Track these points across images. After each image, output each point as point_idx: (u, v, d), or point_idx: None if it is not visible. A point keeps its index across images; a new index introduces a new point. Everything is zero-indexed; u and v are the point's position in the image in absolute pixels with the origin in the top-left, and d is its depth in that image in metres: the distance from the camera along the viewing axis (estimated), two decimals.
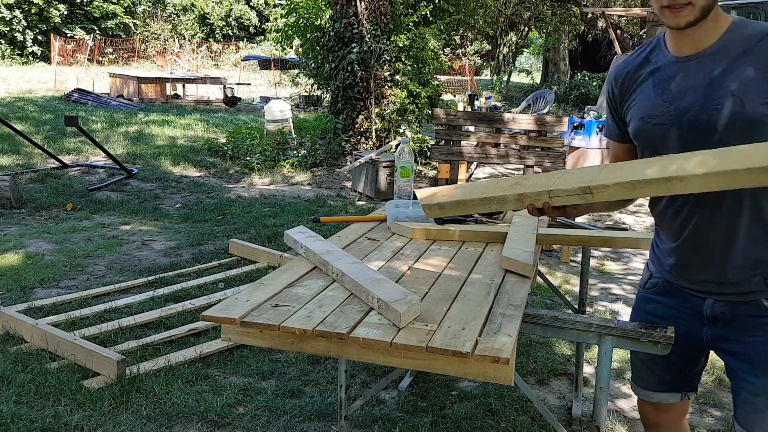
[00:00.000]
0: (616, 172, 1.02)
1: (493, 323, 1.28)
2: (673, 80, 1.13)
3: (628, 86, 1.21)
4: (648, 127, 1.16)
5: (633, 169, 1.01)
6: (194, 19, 26.44)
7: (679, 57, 1.13)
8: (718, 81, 1.07)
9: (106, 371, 2.23)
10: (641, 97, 1.18)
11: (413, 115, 7.04)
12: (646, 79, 1.18)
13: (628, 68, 1.22)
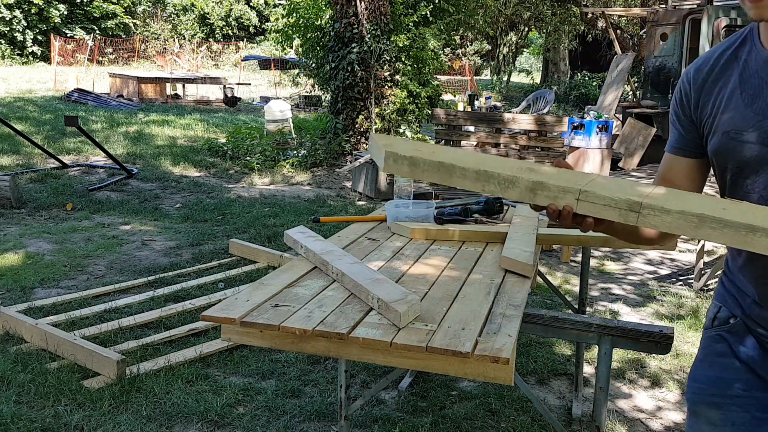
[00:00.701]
0: (683, 199, 0.78)
1: (493, 323, 1.28)
2: (766, 85, 0.88)
3: (710, 89, 0.95)
4: (733, 145, 0.90)
5: (708, 204, 0.77)
6: (194, 19, 26.44)
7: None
8: None
9: (106, 371, 2.23)
10: (728, 104, 0.91)
11: (413, 115, 7.04)
12: (733, 81, 0.92)
13: (711, 66, 0.95)
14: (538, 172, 0.83)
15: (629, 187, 0.82)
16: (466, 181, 0.81)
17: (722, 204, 0.78)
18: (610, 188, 0.81)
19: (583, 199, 0.80)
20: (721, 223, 0.73)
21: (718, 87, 0.94)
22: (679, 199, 0.78)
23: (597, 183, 0.83)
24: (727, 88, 0.92)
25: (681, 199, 0.78)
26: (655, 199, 0.77)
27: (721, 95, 0.93)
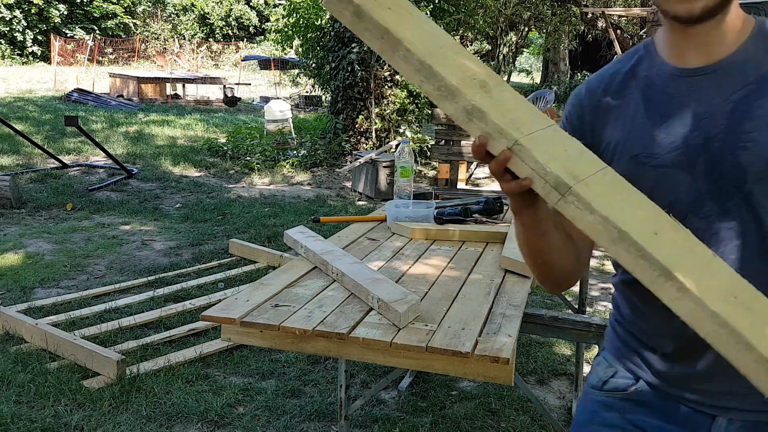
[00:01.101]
0: (618, 204, 0.63)
1: (493, 323, 1.28)
2: (675, 102, 0.77)
3: (606, 112, 0.82)
4: (645, 171, 0.77)
5: (644, 220, 0.63)
6: (194, 19, 26.44)
7: (684, 69, 0.77)
8: (745, 107, 0.73)
9: (106, 371, 2.23)
10: (627, 125, 0.80)
11: (413, 115, 7.04)
12: (635, 100, 0.80)
13: (605, 86, 0.84)
14: (490, 95, 0.66)
15: (576, 159, 0.66)
16: (406, 67, 0.65)
17: (660, 226, 0.62)
18: (552, 152, 0.65)
19: (516, 152, 0.64)
20: (638, 251, 0.59)
21: (618, 108, 0.82)
22: (613, 200, 0.63)
23: (542, 139, 0.66)
24: (629, 109, 0.81)
25: (616, 201, 0.63)
26: (588, 189, 0.63)
27: (623, 117, 0.81)
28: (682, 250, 0.61)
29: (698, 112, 0.75)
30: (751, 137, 0.72)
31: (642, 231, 0.61)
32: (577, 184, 0.63)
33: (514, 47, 16.91)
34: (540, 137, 0.66)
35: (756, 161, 0.72)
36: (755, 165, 0.72)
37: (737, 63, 0.75)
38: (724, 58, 0.75)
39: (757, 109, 0.73)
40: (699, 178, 0.75)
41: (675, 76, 0.78)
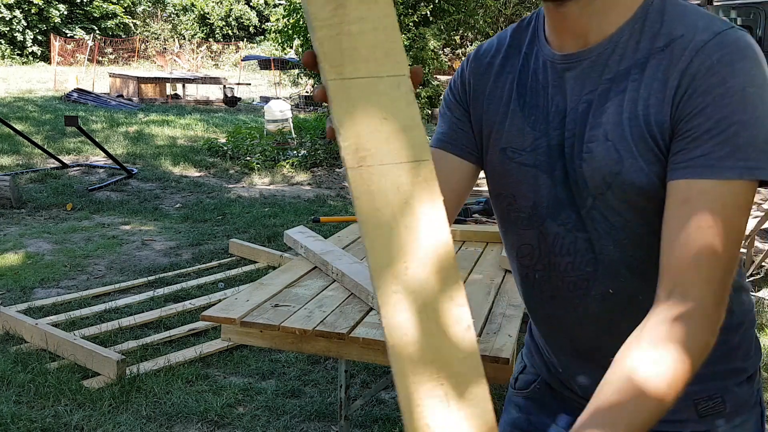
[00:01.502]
0: (386, 194, 0.49)
1: (494, 323, 1.27)
2: (543, 93, 0.68)
3: (485, 85, 0.73)
4: (510, 167, 0.70)
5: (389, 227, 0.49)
6: (194, 19, 26.44)
7: (557, 56, 0.67)
8: (593, 109, 0.63)
9: (106, 371, 2.23)
10: (505, 112, 0.71)
11: None
12: (510, 82, 0.71)
13: (494, 52, 0.74)
14: (344, 11, 0.50)
15: (407, 141, 0.50)
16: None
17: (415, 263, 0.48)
18: (362, 113, 0.50)
19: (327, 88, 0.51)
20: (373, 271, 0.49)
21: (496, 85, 0.72)
22: (384, 192, 0.48)
23: (362, 89, 0.50)
24: (504, 92, 0.71)
25: (385, 192, 0.48)
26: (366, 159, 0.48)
27: (497, 100, 0.72)
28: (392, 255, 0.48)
29: (561, 109, 0.66)
30: (590, 148, 0.63)
31: (377, 233, 0.48)
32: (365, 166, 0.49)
33: None
34: (361, 86, 0.50)
35: (593, 175, 0.63)
36: (593, 179, 0.64)
37: (605, 52, 0.64)
38: (595, 45, 0.64)
39: (600, 115, 0.63)
40: (558, 182, 0.68)
41: (548, 63, 0.68)
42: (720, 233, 0.55)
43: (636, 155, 0.60)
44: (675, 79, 0.59)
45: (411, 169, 0.49)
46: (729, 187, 0.55)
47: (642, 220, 0.63)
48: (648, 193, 0.61)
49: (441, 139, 0.77)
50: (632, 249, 0.65)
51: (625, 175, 0.61)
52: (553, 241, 0.69)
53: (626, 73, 0.62)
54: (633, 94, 0.61)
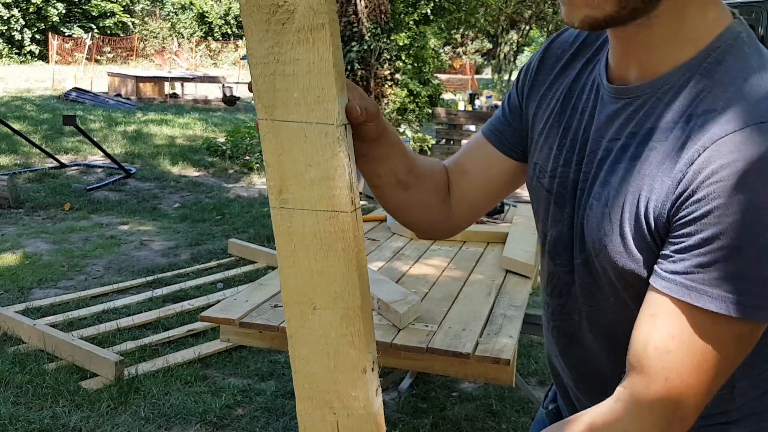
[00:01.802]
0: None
1: (494, 324, 1.27)
2: (581, 118, 0.60)
3: (544, 83, 0.66)
4: (535, 186, 0.66)
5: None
6: (193, 17, 26.40)
7: (614, 83, 0.58)
8: (613, 163, 0.56)
9: (104, 372, 2.22)
10: (545, 121, 0.65)
11: (413, 114, 7.03)
12: (561, 91, 0.64)
13: (566, 48, 0.66)
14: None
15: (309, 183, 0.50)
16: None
17: (325, 304, 0.51)
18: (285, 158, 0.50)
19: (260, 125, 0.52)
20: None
21: (552, 85, 0.65)
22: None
23: (288, 133, 0.50)
24: (556, 95, 0.64)
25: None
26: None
27: (548, 101, 0.65)
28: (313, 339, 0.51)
29: (586, 144, 0.59)
30: (592, 205, 0.57)
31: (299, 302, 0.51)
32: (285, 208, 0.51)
33: (515, 46, 16.91)
34: (290, 130, 0.50)
35: (589, 233, 0.57)
36: (588, 237, 0.58)
37: (641, 97, 0.54)
38: (636, 85, 0.55)
39: (611, 173, 0.55)
40: (564, 220, 0.62)
41: (597, 85, 0.59)
42: (683, 363, 0.48)
43: (627, 238, 0.53)
44: (683, 168, 0.49)
45: (329, 218, 0.51)
46: (708, 318, 0.48)
47: (622, 298, 0.57)
48: (632, 277, 0.54)
49: (488, 128, 0.72)
50: (612, 320, 0.59)
51: (611, 252, 0.55)
52: (549, 278, 0.66)
53: (648, 135, 0.53)
54: (645, 167, 0.52)
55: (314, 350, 0.51)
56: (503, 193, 0.74)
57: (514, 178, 0.72)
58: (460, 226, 0.77)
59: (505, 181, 0.72)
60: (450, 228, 0.77)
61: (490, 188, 0.73)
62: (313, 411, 0.52)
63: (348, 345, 0.51)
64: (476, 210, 0.75)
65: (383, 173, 0.66)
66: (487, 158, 0.72)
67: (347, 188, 0.50)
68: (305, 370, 0.51)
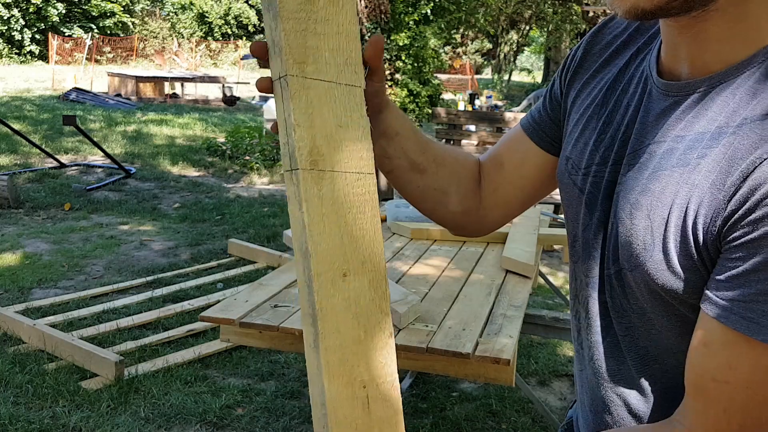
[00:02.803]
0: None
1: (494, 324, 1.26)
2: (624, 113, 0.55)
3: (588, 70, 0.61)
4: (566, 182, 0.61)
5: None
6: (193, 17, 26.39)
7: (665, 78, 0.53)
8: (656, 168, 0.50)
9: (104, 372, 2.22)
10: (583, 112, 0.60)
11: (413, 114, 7.03)
12: (605, 82, 0.59)
13: (617, 34, 0.60)
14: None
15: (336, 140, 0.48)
16: None
17: (355, 269, 0.49)
18: (314, 114, 0.48)
19: (279, 86, 0.50)
20: (306, 281, 0.49)
21: (597, 74, 0.60)
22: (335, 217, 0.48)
23: (319, 91, 0.49)
24: (599, 85, 0.59)
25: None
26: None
27: (589, 91, 0.60)
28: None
29: (627, 142, 0.54)
30: (628, 213, 0.51)
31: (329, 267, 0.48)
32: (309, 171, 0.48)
33: (515, 46, 16.92)
34: (320, 89, 0.49)
35: (623, 244, 0.52)
36: (622, 249, 0.52)
37: (693, 96, 0.49)
38: (689, 82, 0.50)
39: (654, 179, 0.49)
40: (594, 225, 0.56)
41: (646, 77, 0.54)
42: (743, 395, 0.45)
43: (671, 254, 0.48)
44: (736, 181, 0.44)
45: (357, 180, 0.50)
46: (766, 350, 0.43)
47: (650, 318, 0.52)
48: (670, 296, 0.50)
49: (527, 118, 0.67)
50: (637, 339, 0.55)
51: (651, 270, 0.49)
52: (576, 287, 0.60)
53: (698, 140, 0.47)
54: (694, 177, 0.46)
55: (345, 320, 0.49)
56: (540, 191, 0.68)
57: (553, 175, 0.65)
58: (491, 225, 0.71)
59: (542, 178, 0.66)
60: (479, 225, 0.70)
61: (524, 185, 0.67)
62: (344, 389, 0.49)
63: (377, 310, 0.50)
64: (510, 209, 0.69)
65: (393, 153, 0.61)
66: (523, 152, 0.66)
67: (371, 150, 0.50)
68: (336, 344, 0.48)
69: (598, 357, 0.58)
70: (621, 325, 0.56)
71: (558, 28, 14.80)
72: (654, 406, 0.55)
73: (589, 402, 0.61)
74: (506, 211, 0.70)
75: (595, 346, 0.58)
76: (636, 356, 0.55)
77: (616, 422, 0.57)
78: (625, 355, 0.56)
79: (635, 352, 0.55)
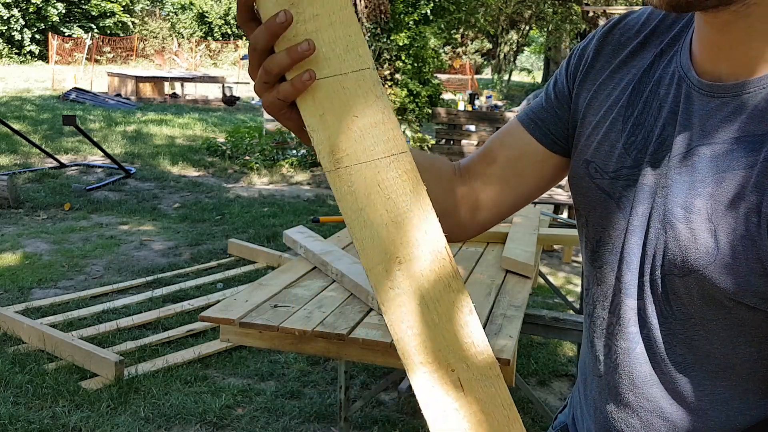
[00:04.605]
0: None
1: (494, 324, 1.26)
2: (658, 114, 0.54)
3: (602, 71, 0.59)
4: (588, 186, 0.58)
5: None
6: (193, 17, 26.40)
7: (706, 80, 0.50)
8: (713, 171, 0.48)
9: (104, 372, 2.22)
10: (604, 114, 0.58)
11: (413, 114, 7.03)
12: (626, 83, 0.57)
13: (632, 35, 0.58)
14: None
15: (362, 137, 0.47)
16: None
17: (402, 256, 0.46)
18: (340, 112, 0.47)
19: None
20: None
21: (614, 75, 0.58)
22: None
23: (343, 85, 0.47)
24: (619, 86, 0.57)
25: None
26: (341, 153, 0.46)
27: (607, 92, 0.58)
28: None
29: (668, 144, 0.52)
30: (684, 216, 0.49)
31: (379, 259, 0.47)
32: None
33: (515, 46, 16.92)
34: (326, 87, 0.48)
35: (674, 249, 0.50)
36: (672, 254, 0.50)
37: (746, 96, 0.47)
38: (742, 81, 0.48)
39: (713, 183, 0.47)
40: (631, 229, 0.54)
41: (680, 78, 0.52)
42: None
43: (739, 258, 0.45)
44: None
45: (389, 164, 0.48)
46: None
47: (712, 328, 0.50)
48: (731, 301, 0.48)
49: (527, 115, 0.64)
50: (684, 351, 0.52)
51: (713, 274, 0.47)
52: (600, 293, 0.58)
53: (759, 143, 0.46)
54: (763, 179, 0.45)
55: (412, 308, 0.47)
56: (535, 191, 0.64)
57: (552, 174, 0.63)
58: (476, 228, 0.67)
59: (539, 177, 0.63)
60: (460, 228, 0.66)
61: (518, 183, 0.63)
62: (431, 375, 0.46)
63: (445, 290, 0.47)
64: (499, 209, 0.65)
65: None
66: (521, 148, 0.63)
67: (397, 128, 0.48)
68: (411, 334, 0.46)
69: (628, 363, 0.56)
70: (660, 332, 0.53)
71: (558, 28, 14.80)
72: (688, 412, 0.54)
73: (613, 408, 0.59)
74: (495, 211, 0.66)
75: (625, 352, 0.56)
76: (673, 362, 0.53)
77: (645, 427, 0.56)
78: (660, 360, 0.54)
79: (672, 358, 0.53)
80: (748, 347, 0.50)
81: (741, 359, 0.51)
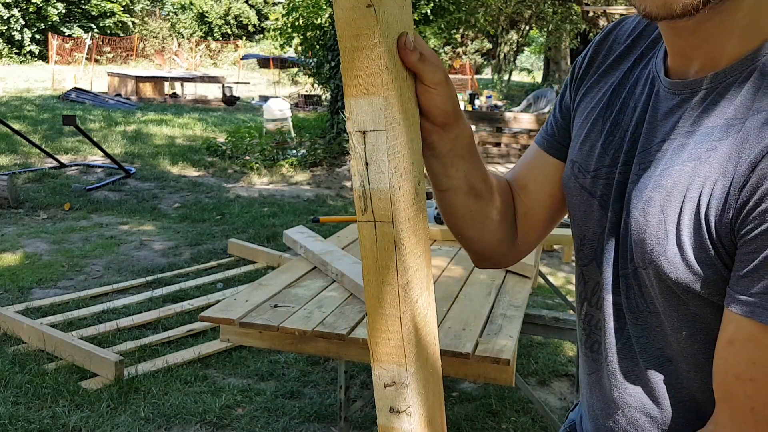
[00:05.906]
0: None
1: (494, 324, 1.26)
2: (632, 114, 0.56)
3: (594, 74, 0.62)
4: (572, 186, 0.61)
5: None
6: (193, 17, 26.40)
7: (672, 77, 0.53)
8: (668, 164, 0.50)
9: (104, 372, 2.22)
10: (588, 115, 0.60)
11: None
12: (610, 84, 0.60)
13: (622, 40, 0.61)
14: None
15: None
16: None
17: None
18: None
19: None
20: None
21: (600, 78, 0.61)
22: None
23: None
24: (603, 89, 0.60)
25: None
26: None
27: (593, 94, 0.61)
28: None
29: (638, 142, 0.54)
30: (644, 210, 0.50)
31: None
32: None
33: (515, 46, 16.92)
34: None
35: (637, 242, 0.51)
36: (637, 246, 0.52)
37: (699, 92, 0.50)
38: (694, 80, 0.50)
39: (666, 175, 0.49)
40: (609, 226, 0.56)
41: (652, 79, 0.55)
42: (763, 393, 0.45)
43: (686, 249, 0.47)
44: (745, 171, 0.44)
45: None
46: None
47: (661, 318, 0.52)
48: (684, 293, 0.49)
49: (541, 136, 0.66)
50: (661, 345, 0.53)
51: (664, 264, 0.49)
52: (586, 290, 0.60)
53: (708, 134, 0.48)
54: (705, 169, 0.47)
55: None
56: (566, 207, 0.65)
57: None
58: (524, 251, 0.69)
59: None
60: (514, 253, 0.67)
61: (552, 203, 0.65)
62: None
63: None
64: (538, 231, 0.67)
65: (455, 175, 0.57)
66: (544, 168, 0.65)
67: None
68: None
69: (611, 359, 0.57)
70: (636, 326, 0.55)
71: (558, 28, 14.79)
72: (668, 408, 0.54)
73: (600, 405, 0.60)
74: (536, 234, 0.68)
75: (609, 347, 0.57)
76: (651, 357, 0.54)
77: (630, 423, 0.57)
78: (638, 356, 0.55)
79: (650, 353, 0.54)
80: (711, 345, 0.50)
81: (707, 357, 0.50)
